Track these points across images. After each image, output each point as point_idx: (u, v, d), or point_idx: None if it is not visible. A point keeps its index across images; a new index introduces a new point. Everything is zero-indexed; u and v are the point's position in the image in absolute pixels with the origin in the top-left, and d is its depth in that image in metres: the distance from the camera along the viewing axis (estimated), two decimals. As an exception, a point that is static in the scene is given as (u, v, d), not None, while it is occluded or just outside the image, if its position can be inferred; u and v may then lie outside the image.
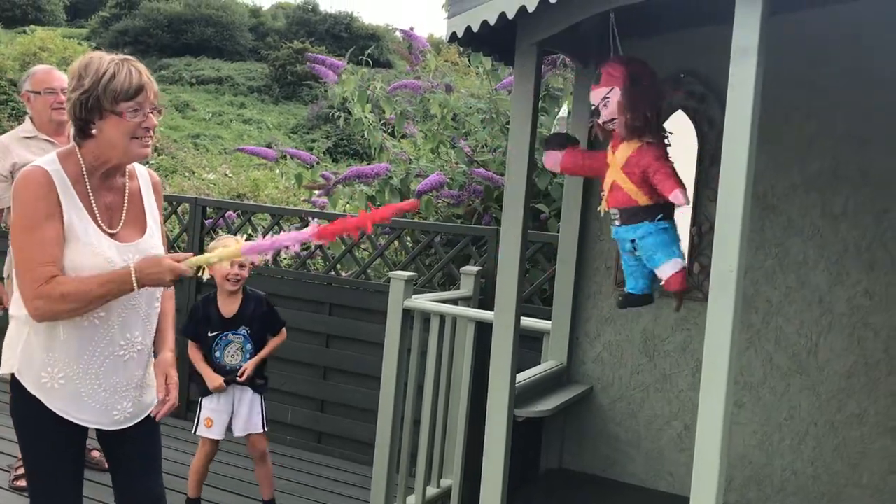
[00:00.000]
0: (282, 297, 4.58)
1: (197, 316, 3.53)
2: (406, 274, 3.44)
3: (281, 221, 4.90)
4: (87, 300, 2.04)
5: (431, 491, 3.56)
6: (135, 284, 2.05)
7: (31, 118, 3.68)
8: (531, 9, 1.88)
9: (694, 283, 2.75)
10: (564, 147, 2.21)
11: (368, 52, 5.88)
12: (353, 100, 5.31)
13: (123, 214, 2.19)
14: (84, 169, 2.11)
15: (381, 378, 3.45)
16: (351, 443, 4.39)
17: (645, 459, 2.86)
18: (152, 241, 2.22)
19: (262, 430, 3.51)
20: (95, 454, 3.92)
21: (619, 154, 2.08)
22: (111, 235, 2.14)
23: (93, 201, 2.12)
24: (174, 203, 5.28)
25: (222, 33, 40.16)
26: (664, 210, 2.05)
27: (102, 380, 2.16)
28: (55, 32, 27.28)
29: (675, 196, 1.96)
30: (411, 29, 5.79)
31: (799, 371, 2.63)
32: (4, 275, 3.70)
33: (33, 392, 2.12)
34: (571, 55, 2.85)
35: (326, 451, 4.46)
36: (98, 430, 2.26)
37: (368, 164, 5.22)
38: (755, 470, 2.68)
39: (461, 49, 2.49)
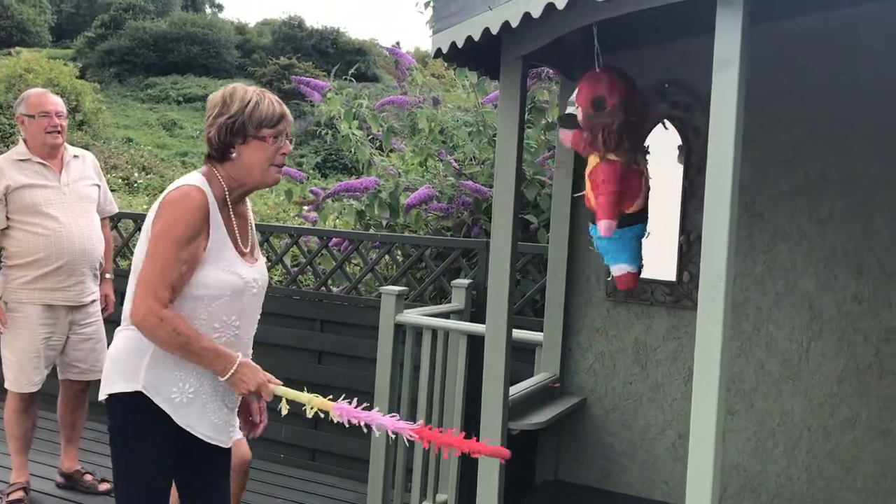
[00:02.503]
0: (273, 315, 4.55)
1: None
2: (397, 289, 3.44)
3: (270, 238, 4.90)
4: (185, 349, 2.08)
5: (427, 506, 3.54)
6: (229, 374, 2.11)
7: (25, 141, 3.69)
8: (514, 24, 1.89)
9: (684, 292, 2.76)
10: (574, 128, 2.25)
11: (352, 70, 5.89)
12: (339, 117, 5.32)
13: (249, 238, 2.29)
14: (227, 192, 2.20)
15: (375, 393, 3.44)
16: (346, 460, 4.37)
17: (640, 469, 2.85)
18: (263, 262, 2.33)
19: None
20: (88, 478, 3.89)
21: (590, 160, 2.18)
22: (242, 255, 2.23)
23: (234, 223, 2.22)
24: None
25: (208, 51, 40.20)
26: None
27: (225, 397, 2.22)
28: (41, 54, 27.25)
29: (599, 224, 2.11)
30: (397, 44, 5.81)
31: (791, 377, 2.64)
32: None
33: (161, 405, 2.13)
34: (556, 67, 2.87)
35: (321, 469, 4.43)
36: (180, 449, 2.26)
37: (357, 178, 5.22)
38: (750, 477, 2.69)
39: (447, 64, 2.51)
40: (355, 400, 2.12)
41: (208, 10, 58.04)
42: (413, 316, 3.44)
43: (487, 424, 2.33)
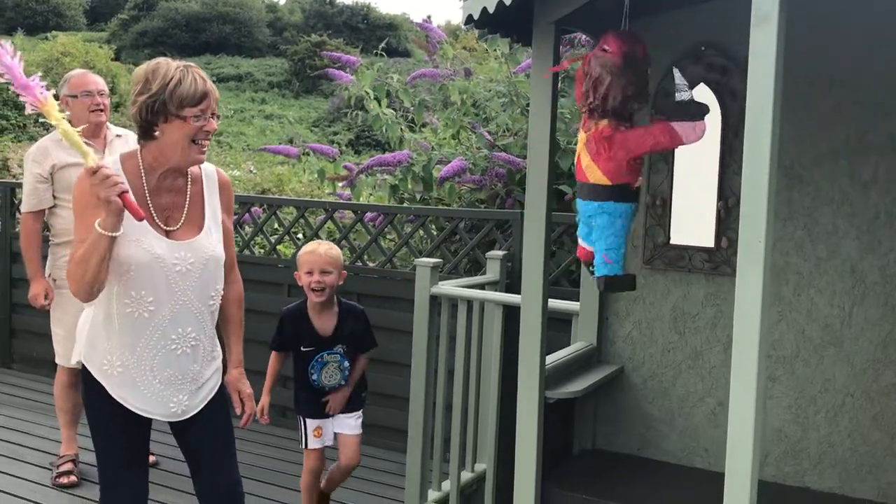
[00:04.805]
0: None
1: (285, 331, 3.27)
2: (431, 261, 3.44)
3: (306, 214, 4.93)
4: (85, 259, 2.08)
5: (466, 476, 3.57)
6: (98, 230, 2.05)
7: (70, 121, 3.76)
8: (546, -13, 1.86)
9: (722, 258, 2.73)
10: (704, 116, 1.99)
11: (382, 45, 5.86)
12: (369, 96, 5.31)
13: (183, 215, 2.28)
14: (142, 169, 2.22)
15: (412, 365, 3.47)
16: (385, 431, 4.42)
17: (679, 437, 2.84)
18: (208, 240, 2.30)
19: (358, 432, 3.34)
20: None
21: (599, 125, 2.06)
22: (167, 234, 2.24)
23: (149, 200, 2.22)
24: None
25: (240, 30, 40.40)
26: None
27: (157, 371, 2.26)
28: (76, 37, 27.62)
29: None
30: (428, 18, 5.78)
31: (833, 342, 2.60)
32: (47, 274, 3.78)
33: (97, 377, 2.25)
34: (589, 33, 2.82)
35: (361, 441, 4.49)
36: (169, 422, 2.37)
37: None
38: (791, 444, 2.66)
39: (478, 32, 2.47)
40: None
41: (239, -11, 58.12)
42: (448, 287, 3.45)
43: (524, 393, 2.33)
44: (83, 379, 2.30)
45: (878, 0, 2.43)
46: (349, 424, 3.34)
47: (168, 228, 2.24)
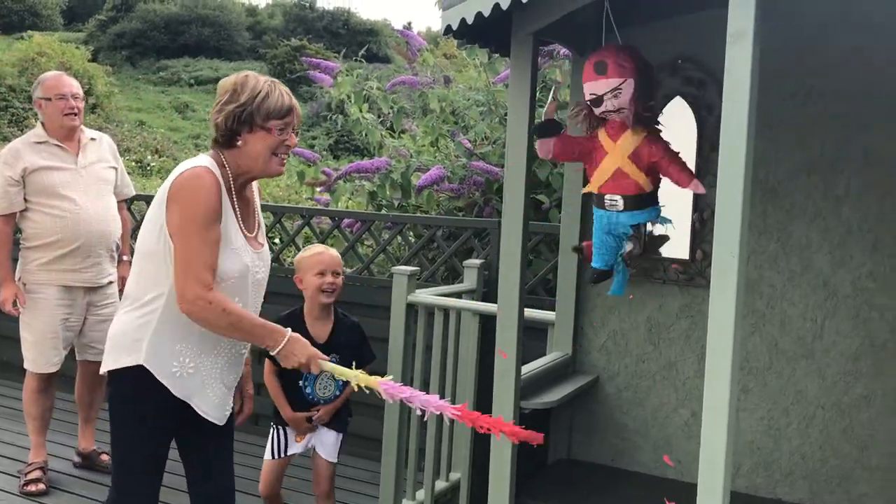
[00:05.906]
0: (286, 296, 4.58)
1: None
2: (408, 269, 3.44)
3: (283, 219, 4.90)
4: (235, 328, 2.15)
5: (440, 485, 3.56)
6: (280, 347, 2.18)
7: (43, 124, 3.70)
8: (525, -1, 1.87)
9: (697, 270, 2.75)
10: (556, 134, 2.19)
11: (362, 51, 5.86)
12: (349, 101, 5.30)
13: (254, 221, 2.35)
14: (231, 177, 2.23)
15: (387, 373, 3.45)
16: (359, 439, 4.39)
17: (653, 448, 2.86)
18: (267, 250, 2.38)
19: (333, 459, 3.19)
20: (105, 457, 3.93)
21: (625, 143, 2.06)
22: (247, 240, 2.27)
23: (237, 208, 2.25)
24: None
25: (219, 33, 40.14)
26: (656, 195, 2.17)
27: (224, 376, 2.29)
28: (52, 37, 27.27)
29: (695, 186, 2.06)
30: (409, 24, 5.80)
31: (805, 355, 2.63)
32: (17, 278, 3.72)
33: (161, 379, 2.18)
34: (568, 45, 2.84)
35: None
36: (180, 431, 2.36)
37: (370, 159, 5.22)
38: (763, 455, 2.68)
39: (457, 42, 2.48)
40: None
41: (219, -8, 57.79)
42: (425, 296, 3.44)
43: (499, 403, 2.33)
44: (135, 383, 2.19)
45: (854, 14, 2.47)
46: (327, 442, 3.19)
47: (248, 235, 2.28)
